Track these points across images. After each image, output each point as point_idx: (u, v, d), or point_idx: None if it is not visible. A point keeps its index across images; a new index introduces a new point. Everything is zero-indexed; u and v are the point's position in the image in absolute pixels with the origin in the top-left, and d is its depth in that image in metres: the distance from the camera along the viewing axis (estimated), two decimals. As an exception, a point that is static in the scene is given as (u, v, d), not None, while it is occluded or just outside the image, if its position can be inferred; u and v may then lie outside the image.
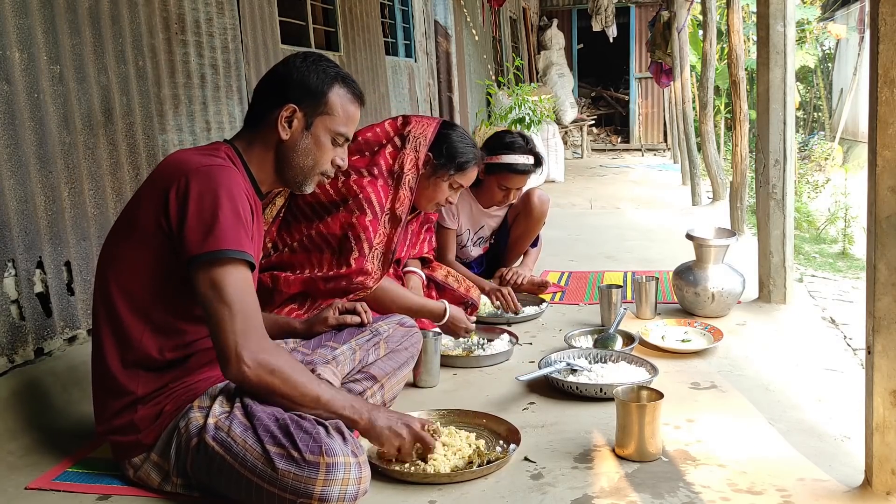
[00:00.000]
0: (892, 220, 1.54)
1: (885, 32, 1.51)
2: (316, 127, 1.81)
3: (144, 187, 1.74)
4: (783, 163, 3.11)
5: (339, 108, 1.82)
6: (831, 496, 1.66)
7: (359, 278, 2.35)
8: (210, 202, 1.60)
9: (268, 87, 1.83)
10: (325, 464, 1.52)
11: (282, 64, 1.85)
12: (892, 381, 1.57)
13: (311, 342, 2.08)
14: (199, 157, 1.70)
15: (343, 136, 1.85)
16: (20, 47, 2.31)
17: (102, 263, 1.76)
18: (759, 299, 3.19)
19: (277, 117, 1.77)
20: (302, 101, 1.78)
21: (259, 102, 1.83)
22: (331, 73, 1.82)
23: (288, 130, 1.79)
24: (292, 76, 1.80)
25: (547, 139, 8.73)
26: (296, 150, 1.81)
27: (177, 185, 1.63)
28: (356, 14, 5.31)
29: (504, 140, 3.16)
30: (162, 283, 1.68)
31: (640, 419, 1.82)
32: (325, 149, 1.83)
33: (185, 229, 1.60)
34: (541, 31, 13.99)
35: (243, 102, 3.66)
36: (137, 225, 1.69)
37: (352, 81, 1.86)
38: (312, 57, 1.84)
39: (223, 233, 1.59)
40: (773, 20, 3.05)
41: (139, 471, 1.73)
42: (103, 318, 1.72)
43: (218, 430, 1.61)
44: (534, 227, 3.41)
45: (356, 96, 1.86)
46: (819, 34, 12.62)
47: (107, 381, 1.72)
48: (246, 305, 1.60)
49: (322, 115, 1.81)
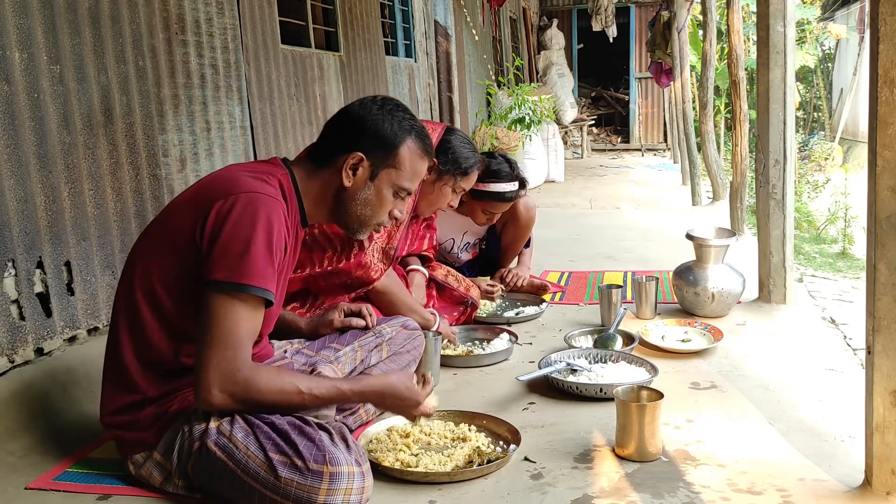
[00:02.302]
0: (892, 220, 1.54)
1: (885, 32, 1.51)
2: (380, 179, 1.77)
3: (190, 195, 1.72)
4: (783, 163, 3.11)
5: (407, 163, 1.77)
6: (831, 496, 1.66)
7: (358, 272, 2.35)
8: (246, 231, 1.57)
9: (339, 128, 1.78)
10: (328, 473, 1.52)
11: (358, 105, 1.79)
12: (892, 381, 1.57)
13: (315, 343, 2.09)
14: (251, 181, 1.66)
15: (406, 190, 1.81)
16: (20, 47, 2.31)
17: (131, 260, 1.75)
18: (759, 299, 3.19)
19: (343, 162, 1.73)
20: (371, 152, 1.74)
21: (328, 140, 1.79)
22: (405, 126, 1.77)
23: (351, 178, 1.75)
24: (366, 123, 1.75)
25: (547, 139, 8.72)
26: (355, 199, 1.77)
27: (221, 204, 1.60)
28: (356, 14, 5.31)
29: (490, 168, 3.06)
30: (184, 290, 1.66)
31: (640, 419, 1.82)
32: (385, 202, 1.79)
33: (215, 250, 1.57)
34: (541, 31, 13.99)
35: (243, 102, 3.67)
36: (172, 229, 1.67)
37: (425, 136, 1.82)
38: (390, 105, 1.79)
39: (251, 267, 1.56)
40: (773, 20, 3.05)
41: (141, 468, 1.73)
42: (123, 315, 1.71)
43: (220, 435, 1.61)
44: (523, 233, 3.40)
45: (426, 152, 1.82)
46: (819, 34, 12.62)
47: (119, 377, 1.71)
48: (238, 339, 1.56)
49: (389, 168, 1.76)
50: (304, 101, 4.37)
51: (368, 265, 2.37)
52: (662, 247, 4.47)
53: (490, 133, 7.53)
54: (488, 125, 7.83)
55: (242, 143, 3.65)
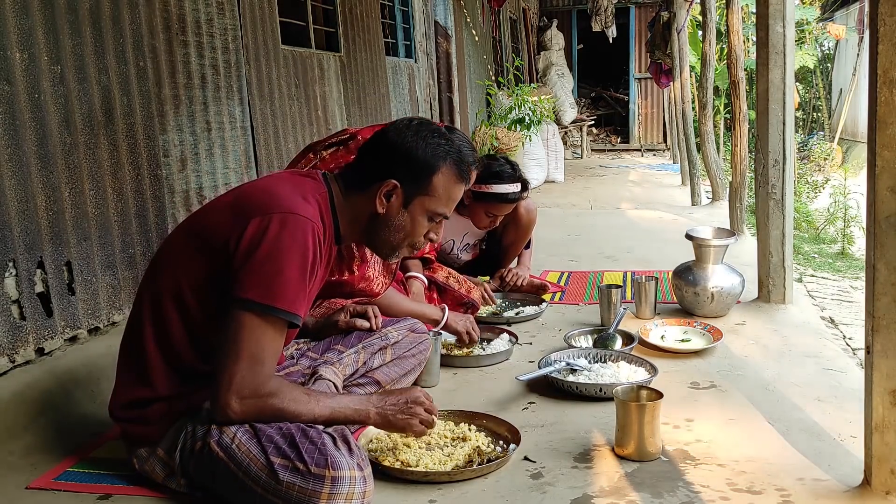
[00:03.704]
0: (891, 220, 1.54)
1: (884, 32, 1.51)
2: (414, 206, 1.75)
3: (228, 201, 1.70)
4: (782, 163, 3.12)
5: (441, 190, 1.75)
6: (831, 496, 1.67)
7: (361, 285, 2.35)
8: (283, 254, 1.56)
9: (375, 154, 1.76)
10: (330, 477, 1.52)
11: (394, 131, 1.76)
12: (892, 381, 1.57)
13: (320, 345, 2.09)
14: (292, 198, 1.63)
15: (441, 215, 1.79)
16: (21, 48, 2.31)
17: (159, 260, 1.74)
18: (759, 299, 3.19)
19: (378, 189, 1.72)
20: (405, 179, 1.72)
21: (364, 163, 1.77)
22: (440, 153, 1.73)
23: (385, 205, 1.73)
24: (400, 150, 1.72)
25: (547, 139, 8.72)
26: (389, 226, 1.76)
27: (259, 221, 1.58)
28: (356, 14, 5.32)
29: (492, 169, 3.08)
30: (210, 295, 1.65)
31: (639, 419, 1.82)
32: (419, 227, 1.78)
33: (249, 266, 1.56)
34: (541, 32, 13.98)
35: (244, 103, 3.67)
36: (205, 235, 1.65)
37: (461, 159, 1.76)
38: (424, 132, 1.75)
39: (283, 290, 1.56)
40: (773, 20, 3.05)
41: (144, 463, 1.73)
42: (148, 312, 1.69)
43: (223, 436, 1.61)
44: (524, 235, 3.41)
45: (463, 175, 1.77)
46: (818, 34, 12.62)
47: (139, 372, 1.70)
48: (263, 357, 1.57)
49: (423, 196, 1.74)
50: (305, 102, 4.37)
51: (371, 279, 2.37)
52: (662, 247, 4.48)
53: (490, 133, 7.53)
54: (488, 125, 7.83)
55: (243, 144, 3.65)
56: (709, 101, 6.30)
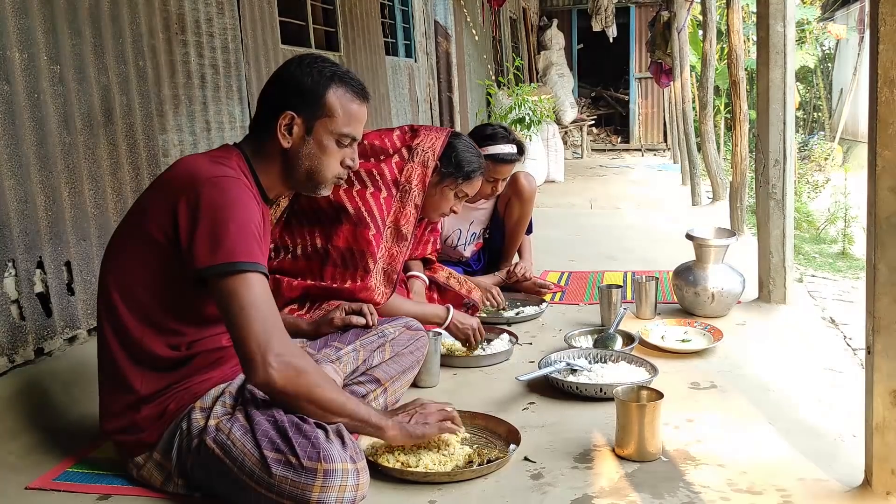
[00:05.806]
0: (892, 220, 1.54)
1: (885, 32, 1.51)
2: (317, 132, 1.76)
3: (152, 193, 1.72)
4: (783, 163, 3.11)
5: (338, 109, 1.77)
6: (831, 496, 1.66)
7: (362, 294, 2.35)
8: (221, 215, 1.58)
9: (268, 94, 1.80)
10: (322, 470, 1.52)
11: (282, 67, 1.81)
12: (892, 381, 1.57)
13: (317, 342, 2.09)
14: (209, 167, 1.66)
15: (348, 136, 1.80)
16: (20, 47, 2.31)
17: (105, 264, 1.76)
18: (759, 299, 3.19)
19: (277, 125, 1.74)
20: (299, 107, 1.74)
21: (261, 109, 1.80)
22: (326, 74, 1.76)
23: (289, 138, 1.75)
24: (288, 81, 1.76)
25: (547, 139, 8.72)
26: (299, 157, 1.77)
27: (187, 197, 1.60)
28: (356, 14, 5.32)
29: (486, 132, 3.19)
30: (163, 288, 1.67)
31: (640, 419, 1.82)
32: (330, 152, 1.79)
33: (196, 241, 1.57)
34: (541, 32, 13.98)
35: (243, 102, 3.67)
36: (142, 231, 1.67)
37: (350, 78, 1.80)
38: (308, 59, 1.80)
39: (235, 245, 1.57)
40: (773, 20, 3.05)
41: (142, 470, 1.73)
42: (105, 318, 1.72)
43: (219, 432, 1.61)
44: (527, 207, 3.43)
45: (357, 93, 1.80)
46: (819, 34, 12.62)
47: (113, 378, 1.72)
48: (265, 310, 1.57)
49: (322, 119, 1.76)
50: (304, 102, 4.36)
51: (372, 289, 2.36)
52: (662, 247, 4.47)
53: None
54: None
55: (242, 144, 3.64)
56: (709, 100, 6.30)
